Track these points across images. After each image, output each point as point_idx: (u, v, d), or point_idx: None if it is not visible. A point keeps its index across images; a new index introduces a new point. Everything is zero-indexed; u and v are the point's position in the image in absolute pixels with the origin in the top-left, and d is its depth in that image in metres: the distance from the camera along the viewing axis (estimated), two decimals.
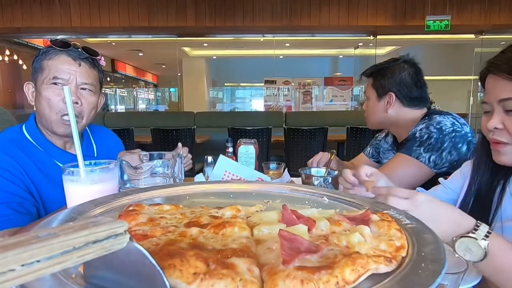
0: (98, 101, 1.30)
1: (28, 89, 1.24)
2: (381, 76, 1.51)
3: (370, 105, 1.57)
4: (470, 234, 0.71)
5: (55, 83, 1.17)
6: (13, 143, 1.18)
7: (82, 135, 1.36)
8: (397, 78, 1.48)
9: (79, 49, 1.20)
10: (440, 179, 1.20)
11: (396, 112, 1.51)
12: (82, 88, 1.22)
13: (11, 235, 1.05)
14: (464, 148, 1.34)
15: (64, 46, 1.19)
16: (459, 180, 1.14)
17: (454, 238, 0.72)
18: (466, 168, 1.13)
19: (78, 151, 0.80)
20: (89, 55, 1.22)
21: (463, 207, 1.06)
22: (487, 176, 1.00)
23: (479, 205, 1.01)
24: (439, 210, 0.76)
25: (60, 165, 1.23)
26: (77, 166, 0.79)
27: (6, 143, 1.17)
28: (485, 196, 0.99)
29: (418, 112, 1.50)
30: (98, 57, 1.27)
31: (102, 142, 1.45)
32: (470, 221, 0.75)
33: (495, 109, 0.91)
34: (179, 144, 1.42)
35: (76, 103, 1.18)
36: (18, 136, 1.22)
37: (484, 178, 1.00)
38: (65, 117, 1.17)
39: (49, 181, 1.18)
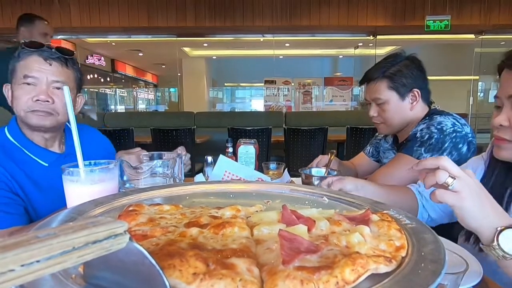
0: (75, 101, 1.30)
1: (8, 90, 1.24)
2: (399, 74, 1.44)
3: (391, 108, 1.46)
4: None
5: (26, 83, 1.17)
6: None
7: (64, 132, 1.37)
8: (416, 73, 1.45)
9: (52, 49, 1.21)
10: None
11: (416, 109, 1.47)
12: (56, 87, 1.21)
13: (8, 234, 1.05)
14: (465, 148, 1.34)
15: (36, 46, 1.19)
16: None
17: (500, 228, 0.69)
18: (474, 164, 1.09)
19: (78, 152, 0.80)
20: (62, 55, 1.22)
21: None
22: (502, 178, 0.96)
23: None
24: (485, 192, 0.73)
25: (44, 164, 1.23)
26: (77, 166, 0.79)
27: None
28: (496, 198, 0.97)
29: (426, 109, 1.49)
30: (71, 57, 1.27)
31: (88, 142, 1.45)
32: (509, 218, 0.72)
33: (504, 105, 0.88)
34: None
35: (47, 101, 1.18)
36: (0, 139, 1.22)
37: (498, 179, 0.97)
38: (35, 111, 1.18)
39: (31, 182, 1.19)
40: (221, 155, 1.38)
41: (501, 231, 0.69)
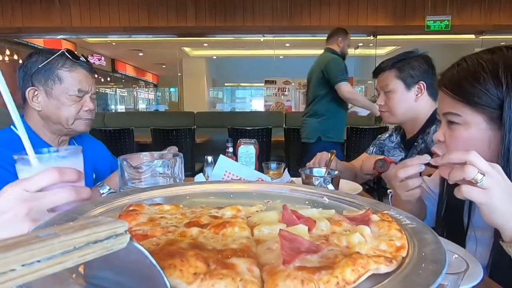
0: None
1: (32, 94, 1.25)
2: (407, 66, 1.52)
3: (397, 97, 1.55)
4: None
5: (79, 96, 1.28)
6: (9, 143, 1.18)
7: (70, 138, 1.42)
8: (424, 67, 1.52)
9: (87, 60, 1.32)
10: (424, 177, 1.21)
11: (422, 102, 1.53)
12: (93, 98, 1.33)
13: None
14: None
15: (78, 58, 1.29)
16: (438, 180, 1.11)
17: None
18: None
19: (26, 143, 0.72)
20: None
21: (438, 213, 1.05)
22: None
23: (451, 213, 0.99)
24: None
25: None
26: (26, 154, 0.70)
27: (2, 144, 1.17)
28: (455, 205, 0.97)
29: (434, 106, 1.53)
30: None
31: (91, 149, 1.49)
32: None
33: (442, 121, 0.91)
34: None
35: (93, 110, 1.33)
36: (11, 137, 1.21)
37: (451, 189, 0.98)
38: (83, 119, 1.30)
39: None
40: (221, 155, 1.38)
41: None
